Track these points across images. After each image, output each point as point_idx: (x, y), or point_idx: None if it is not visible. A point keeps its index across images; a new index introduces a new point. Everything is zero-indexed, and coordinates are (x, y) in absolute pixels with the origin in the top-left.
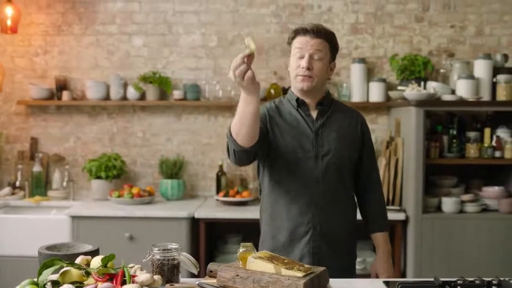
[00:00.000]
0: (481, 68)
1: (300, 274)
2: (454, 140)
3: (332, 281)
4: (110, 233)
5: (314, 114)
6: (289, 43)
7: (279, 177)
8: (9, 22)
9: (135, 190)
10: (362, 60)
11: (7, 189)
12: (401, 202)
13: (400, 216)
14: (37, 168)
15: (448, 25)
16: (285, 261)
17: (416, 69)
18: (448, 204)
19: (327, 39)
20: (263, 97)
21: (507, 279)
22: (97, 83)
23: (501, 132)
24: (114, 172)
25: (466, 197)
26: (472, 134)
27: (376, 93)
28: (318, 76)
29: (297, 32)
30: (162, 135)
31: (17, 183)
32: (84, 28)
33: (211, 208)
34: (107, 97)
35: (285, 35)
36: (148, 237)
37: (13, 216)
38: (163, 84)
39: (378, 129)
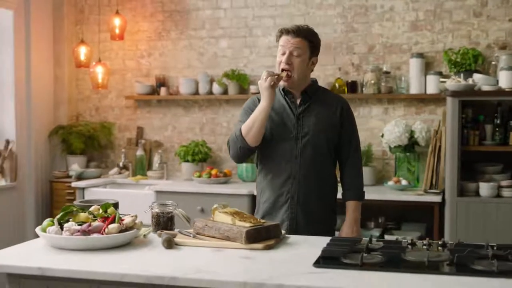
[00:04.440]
0: None
1: (248, 224)
2: (497, 129)
3: (291, 237)
4: (185, 205)
5: (298, 101)
6: (277, 41)
7: (267, 156)
8: (117, 31)
9: (213, 172)
10: (420, 55)
11: (115, 169)
12: (444, 186)
13: (438, 199)
14: (140, 152)
15: (506, 19)
16: (244, 216)
17: (466, 62)
18: (485, 188)
19: (307, 38)
20: (331, 89)
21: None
22: (188, 80)
23: None
24: (199, 156)
25: (504, 182)
26: None
27: (432, 85)
28: (297, 70)
29: (282, 32)
30: None
31: (121, 164)
32: (179, 33)
33: None
34: (196, 92)
35: (350, 34)
36: None
37: (115, 190)
38: (240, 80)
39: (436, 119)
